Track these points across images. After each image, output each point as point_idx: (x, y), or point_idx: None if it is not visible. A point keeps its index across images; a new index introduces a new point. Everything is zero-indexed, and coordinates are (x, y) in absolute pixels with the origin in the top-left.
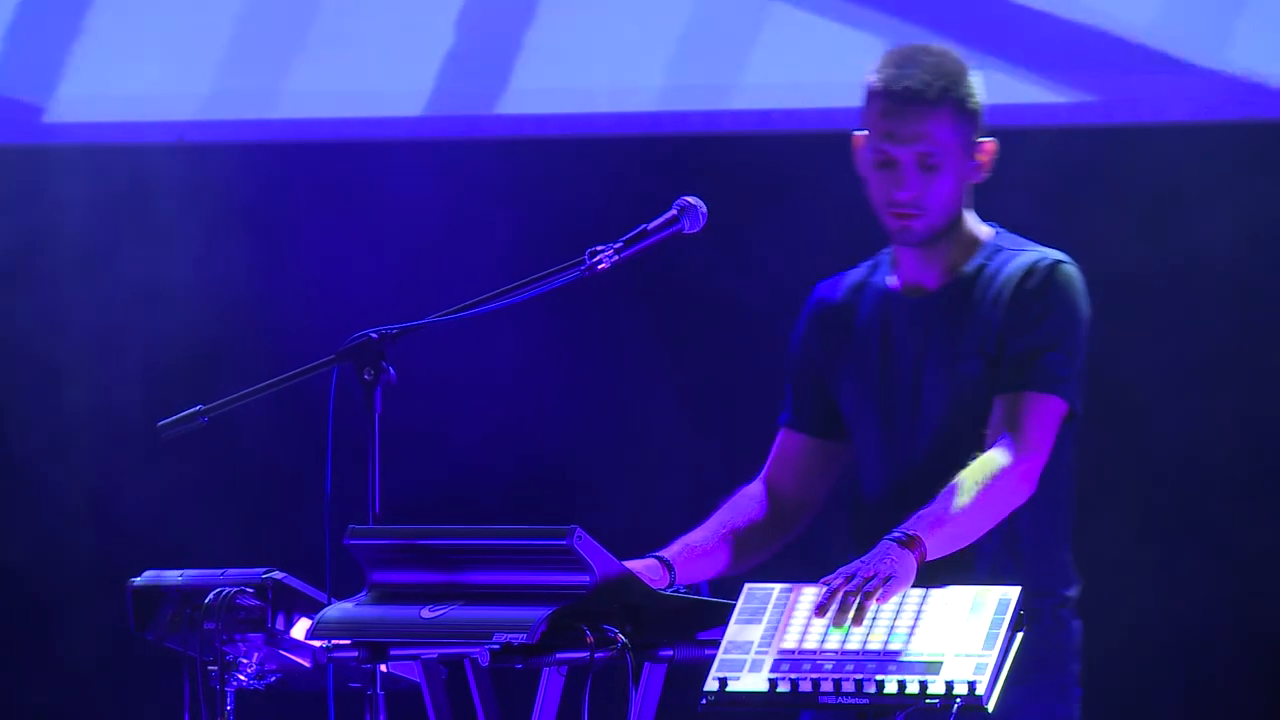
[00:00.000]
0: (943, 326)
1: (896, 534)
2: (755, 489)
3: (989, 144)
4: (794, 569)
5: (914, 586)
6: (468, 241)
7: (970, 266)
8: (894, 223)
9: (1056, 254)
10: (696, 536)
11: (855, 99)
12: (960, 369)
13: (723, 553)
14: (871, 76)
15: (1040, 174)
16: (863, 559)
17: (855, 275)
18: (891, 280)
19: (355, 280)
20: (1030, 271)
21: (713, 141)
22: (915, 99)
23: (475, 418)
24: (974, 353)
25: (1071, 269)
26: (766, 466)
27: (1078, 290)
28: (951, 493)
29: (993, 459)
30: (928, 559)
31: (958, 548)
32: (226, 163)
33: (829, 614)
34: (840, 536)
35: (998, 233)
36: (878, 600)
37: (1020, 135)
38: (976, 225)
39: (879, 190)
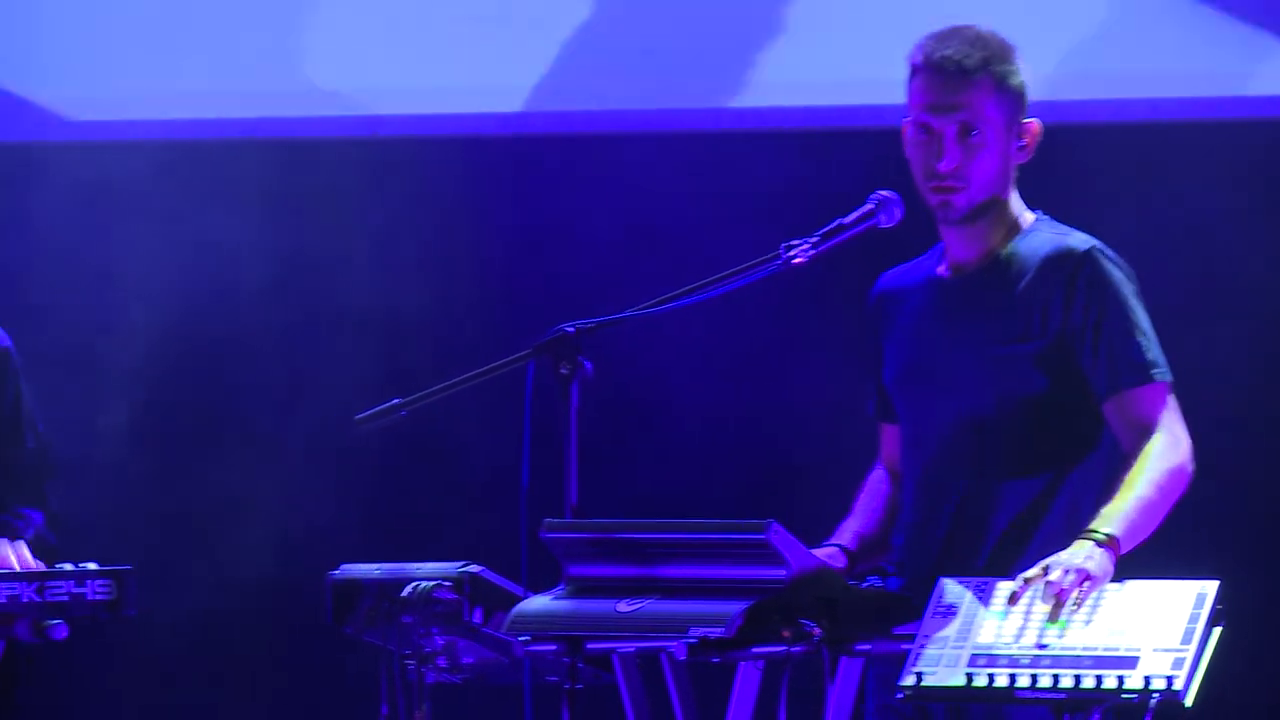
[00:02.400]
0: (978, 309)
1: (1096, 533)
2: (880, 472)
3: (1033, 124)
4: None
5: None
6: (667, 235)
7: (1006, 249)
8: (935, 198)
9: (1084, 239)
10: (860, 523)
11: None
12: (998, 353)
13: (884, 536)
14: (913, 53)
15: None
16: (1060, 555)
17: (912, 263)
18: (940, 266)
19: (552, 274)
20: (1064, 264)
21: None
22: (955, 69)
23: (681, 411)
24: (1016, 338)
25: (1101, 252)
26: (880, 455)
27: (1117, 269)
28: (1131, 488)
29: (1154, 453)
30: (1121, 554)
31: (1140, 542)
32: (419, 156)
33: (1022, 605)
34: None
35: (1039, 218)
36: (1077, 599)
37: None
38: (1021, 210)
39: (920, 165)
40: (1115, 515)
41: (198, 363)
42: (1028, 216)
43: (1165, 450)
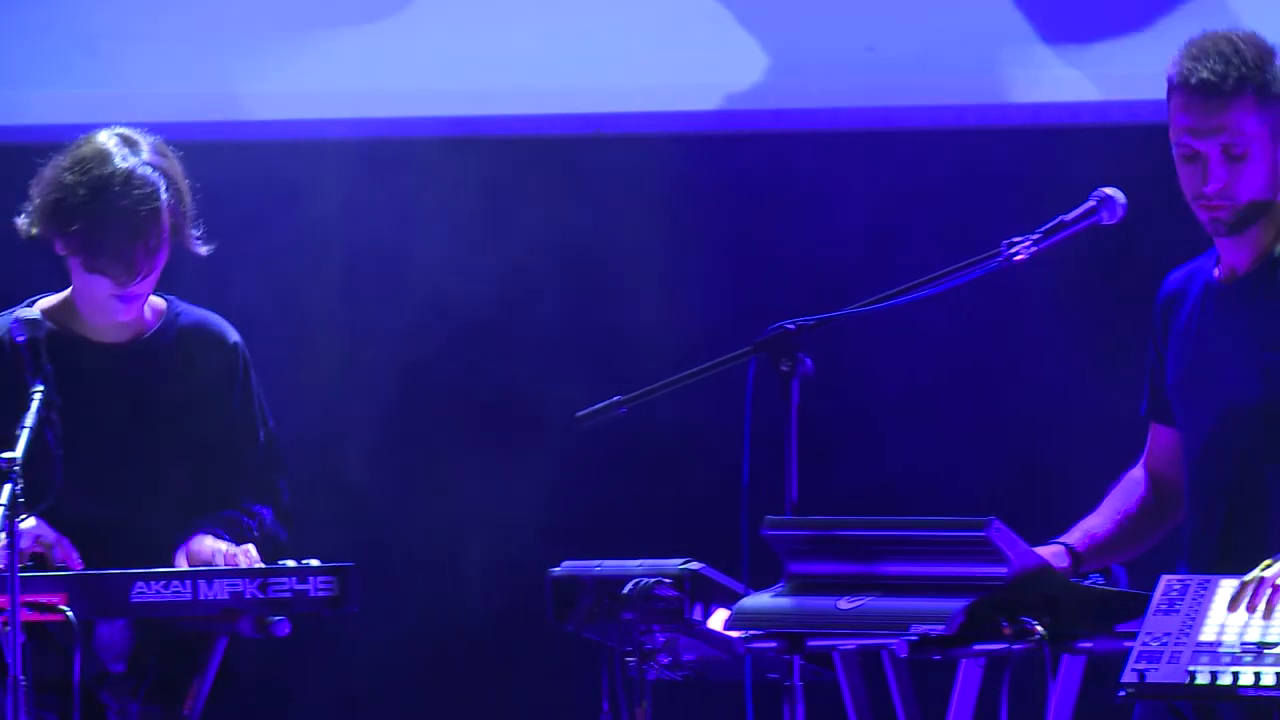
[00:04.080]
0: (1246, 313)
1: None
2: (1139, 473)
3: None
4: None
5: None
6: (887, 233)
7: (1278, 252)
8: (1203, 214)
9: None
10: (1095, 522)
11: None
12: (1268, 358)
13: (1121, 537)
14: (1170, 69)
15: None
16: None
17: (1192, 265)
18: (1215, 269)
19: (772, 271)
20: None
21: (1129, 131)
22: (1212, 91)
23: (903, 408)
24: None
25: None
26: (1143, 455)
27: None
28: None
29: None
30: None
31: None
32: (642, 153)
33: (1242, 606)
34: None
35: None
36: None
37: None
38: None
39: (1187, 183)
40: None
41: (437, 361)
42: None
43: None
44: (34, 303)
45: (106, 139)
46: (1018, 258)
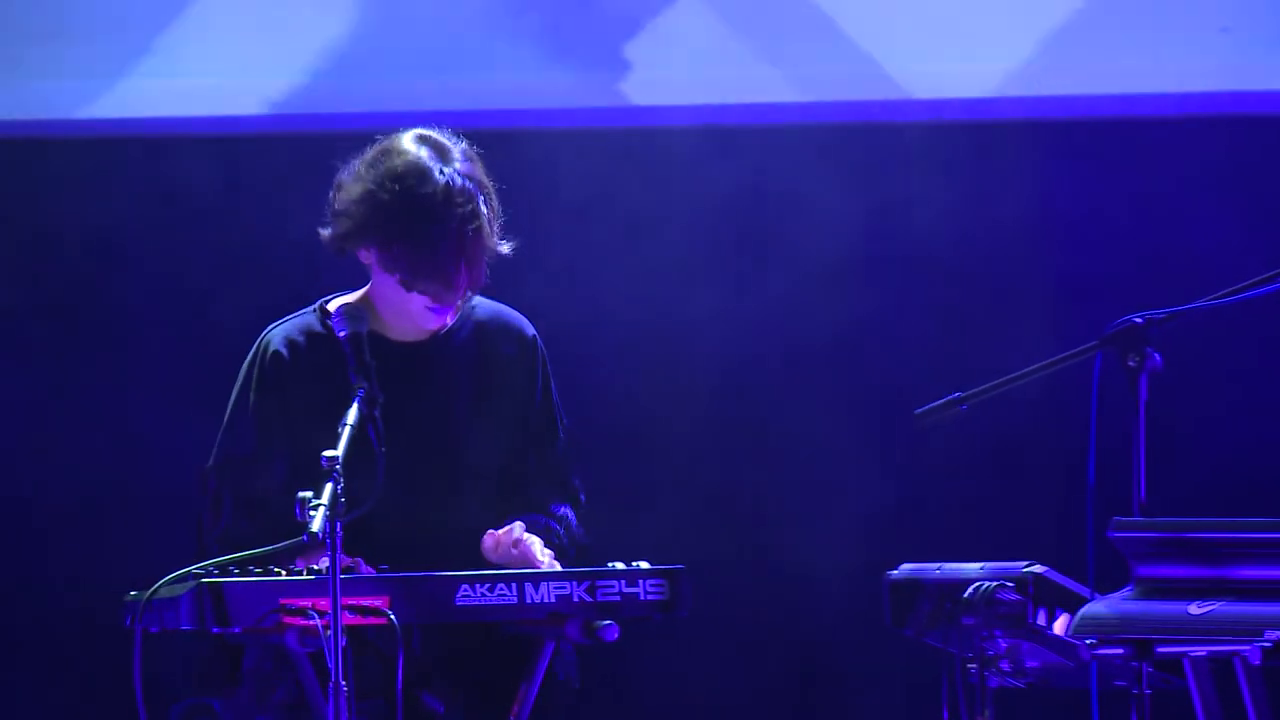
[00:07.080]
0: None
1: None
2: None
3: None
4: None
5: None
6: (1244, 224)
7: None
8: None
9: None
10: None
11: None
12: None
13: None
14: None
15: None
16: None
17: None
18: None
19: (1120, 263)
20: None
21: None
22: None
23: (1256, 405)
24: None
25: None
26: None
27: None
28: None
29: None
30: None
31: None
32: (958, 141)
33: None
34: None
35: None
36: None
37: None
38: None
39: None
40: None
41: (783, 361)
42: None
43: None
44: (328, 302)
45: (417, 149)
46: None
